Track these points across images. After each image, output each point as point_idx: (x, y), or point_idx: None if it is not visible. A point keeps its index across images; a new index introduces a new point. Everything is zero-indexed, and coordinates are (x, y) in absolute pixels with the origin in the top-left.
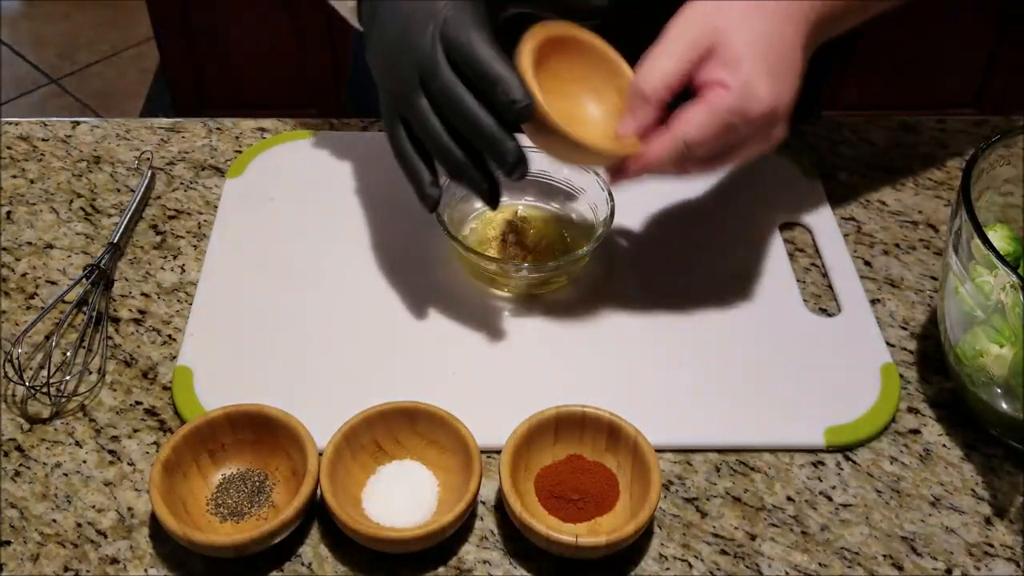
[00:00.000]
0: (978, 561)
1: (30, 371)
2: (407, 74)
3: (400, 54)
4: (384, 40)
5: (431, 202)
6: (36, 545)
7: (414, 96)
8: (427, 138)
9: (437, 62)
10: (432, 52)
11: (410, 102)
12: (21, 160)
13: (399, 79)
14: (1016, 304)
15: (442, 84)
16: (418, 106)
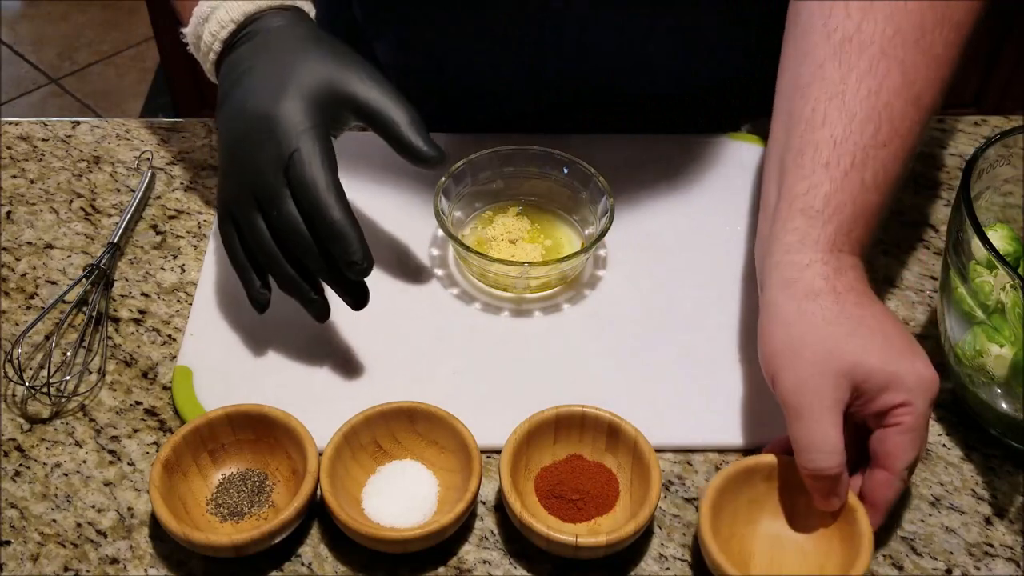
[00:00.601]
0: (978, 561)
1: (30, 371)
2: (245, 190)
3: (242, 165)
4: (229, 135)
5: (260, 306)
6: (36, 545)
7: (250, 212)
8: (259, 253)
9: (280, 196)
10: (275, 182)
11: (246, 215)
12: (21, 160)
13: (237, 188)
14: (1016, 304)
15: (282, 217)
16: (253, 222)
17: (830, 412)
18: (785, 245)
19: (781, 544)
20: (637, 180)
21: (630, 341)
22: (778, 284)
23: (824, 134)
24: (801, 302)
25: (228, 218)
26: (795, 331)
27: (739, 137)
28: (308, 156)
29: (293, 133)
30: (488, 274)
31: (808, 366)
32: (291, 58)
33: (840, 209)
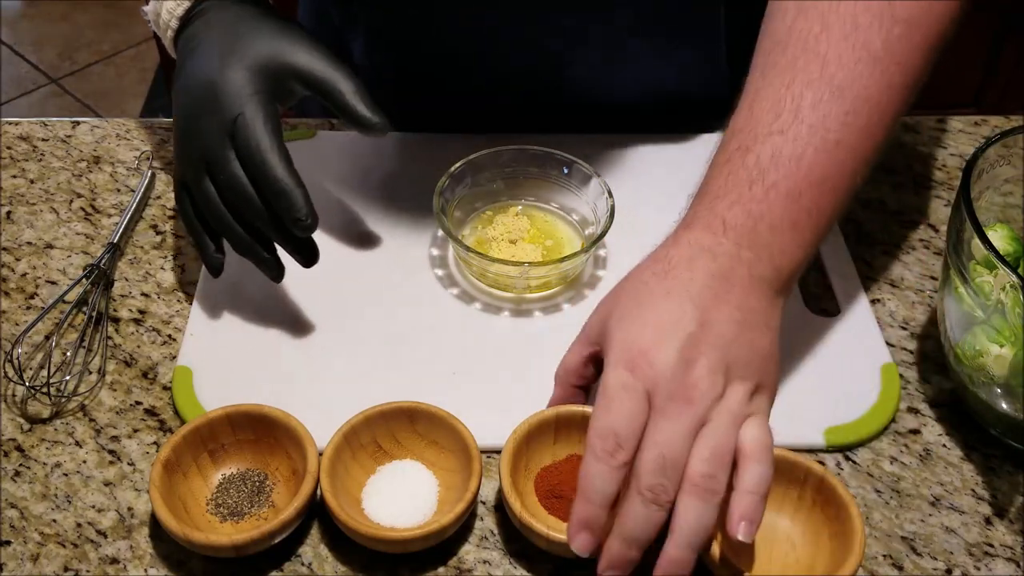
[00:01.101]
0: (978, 561)
1: (30, 371)
2: (194, 156)
3: (190, 133)
4: (180, 105)
5: (215, 270)
6: (36, 545)
7: (200, 177)
8: (210, 217)
9: (225, 158)
10: (220, 146)
11: (196, 181)
12: (21, 160)
13: (187, 155)
14: (1016, 304)
15: (228, 179)
16: (203, 187)
17: (584, 341)
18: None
19: (771, 535)
20: (637, 180)
21: None
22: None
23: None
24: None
25: (182, 186)
26: (622, 281)
27: None
28: (251, 119)
29: (237, 98)
30: (488, 274)
31: (601, 305)
32: (238, 30)
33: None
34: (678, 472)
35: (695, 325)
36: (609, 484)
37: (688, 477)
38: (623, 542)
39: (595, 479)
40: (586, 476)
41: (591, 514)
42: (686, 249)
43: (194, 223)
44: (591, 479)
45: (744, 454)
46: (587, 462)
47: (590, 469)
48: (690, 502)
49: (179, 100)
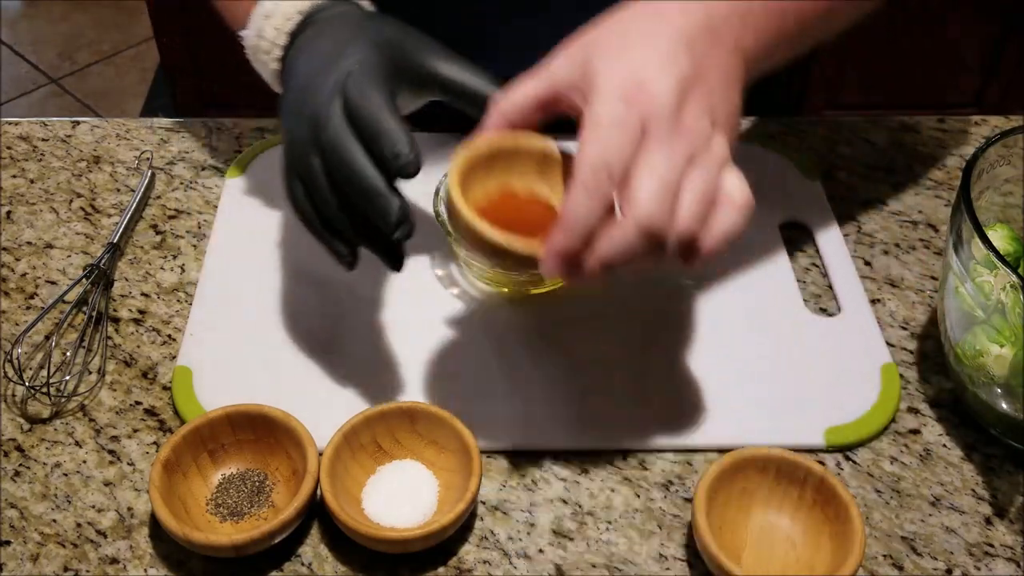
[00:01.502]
0: (978, 561)
1: (30, 371)
2: (304, 130)
3: (301, 106)
4: (289, 94)
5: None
6: (36, 545)
7: (309, 153)
8: (318, 199)
9: (330, 114)
10: (328, 103)
11: (305, 161)
12: (21, 160)
13: (297, 134)
14: (1016, 304)
15: (331, 135)
16: (311, 165)
17: (547, 75)
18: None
19: (772, 535)
20: None
21: (630, 341)
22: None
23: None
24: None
25: (292, 174)
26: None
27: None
28: (360, 74)
29: (351, 61)
30: (488, 273)
31: (574, 42)
32: (358, 26)
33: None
34: (672, 205)
35: (690, 68)
36: (595, 217)
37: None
38: (598, 262)
39: (582, 211)
40: (573, 209)
41: (571, 246)
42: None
43: (307, 210)
44: (578, 211)
45: (729, 199)
46: (576, 195)
47: (579, 201)
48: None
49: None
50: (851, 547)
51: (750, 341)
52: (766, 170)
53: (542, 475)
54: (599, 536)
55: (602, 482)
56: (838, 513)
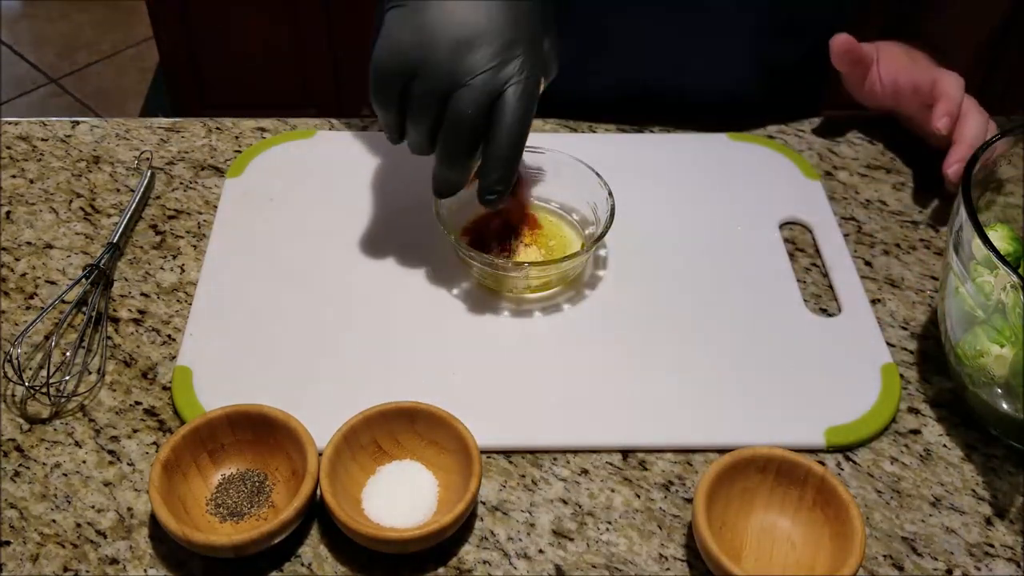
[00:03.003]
0: (978, 561)
1: (30, 371)
2: (436, 70)
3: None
4: (429, 25)
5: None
6: (36, 545)
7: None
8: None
9: (476, 100)
10: (481, 88)
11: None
12: (21, 160)
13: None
14: (1016, 304)
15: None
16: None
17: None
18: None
19: (772, 535)
20: (637, 180)
21: (630, 341)
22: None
23: None
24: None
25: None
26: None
27: (739, 137)
28: (530, 88)
29: (523, 63)
30: (488, 274)
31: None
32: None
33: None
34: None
35: None
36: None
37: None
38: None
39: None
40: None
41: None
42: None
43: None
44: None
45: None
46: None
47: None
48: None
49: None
50: (851, 547)
51: (750, 341)
52: (766, 170)
53: (542, 475)
54: (599, 536)
55: (602, 482)
56: (838, 513)
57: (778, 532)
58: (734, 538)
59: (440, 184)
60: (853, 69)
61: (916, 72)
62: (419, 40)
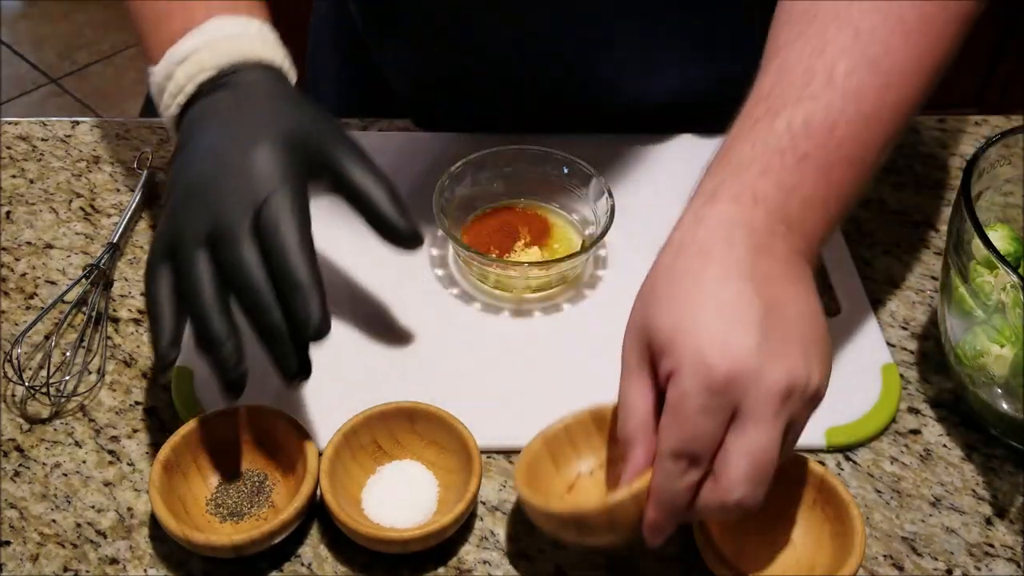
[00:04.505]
0: (978, 561)
1: (30, 371)
2: (197, 227)
3: (198, 203)
4: (191, 173)
5: (163, 363)
6: (36, 545)
7: (194, 251)
8: (191, 299)
9: (242, 237)
10: (239, 222)
11: (189, 255)
12: (21, 160)
13: (186, 226)
14: (1016, 304)
15: (240, 259)
16: (195, 261)
17: (633, 370)
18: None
19: (772, 537)
20: (637, 180)
21: None
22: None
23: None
24: (665, 253)
25: (164, 256)
26: (644, 283)
27: None
28: (284, 202)
29: (271, 177)
30: (488, 274)
31: (630, 320)
32: (276, 105)
33: (744, 162)
34: (768, 479)
35: (762, 309)
36: (684, 497)
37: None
38: (694, 520)
39: (666, 493)
40: (657, 489)
41: (666, 522)
42: (717, 225)
43: (161, 297)
44: (662, 493)
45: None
46: (658, 477)
47: (662, 485)
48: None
49: (189, 169)
50: (851, 547)
51: None
52: None
53: None
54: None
55: None
56: (838, 513)
57: (778, 532)
58: (734, 538)
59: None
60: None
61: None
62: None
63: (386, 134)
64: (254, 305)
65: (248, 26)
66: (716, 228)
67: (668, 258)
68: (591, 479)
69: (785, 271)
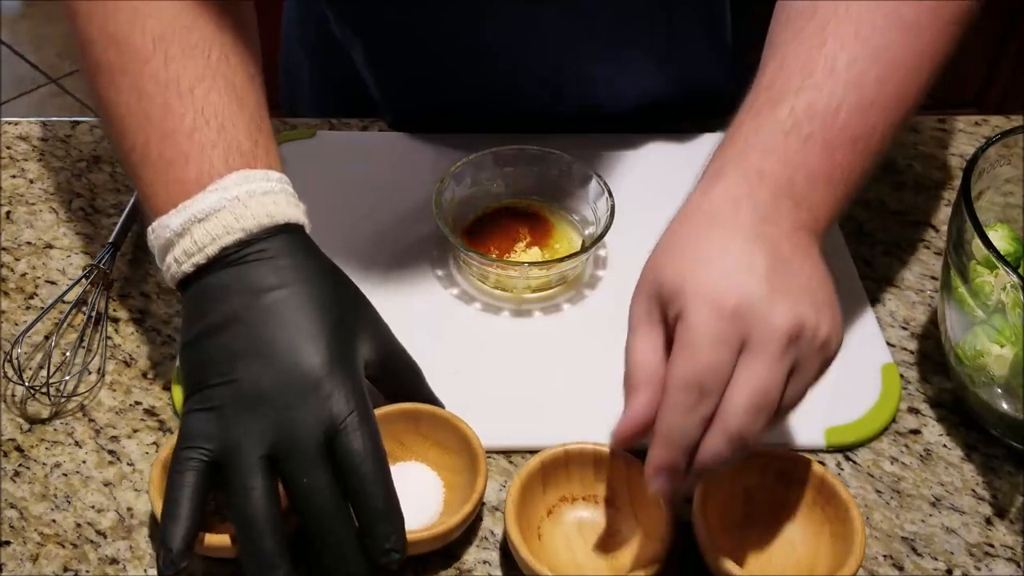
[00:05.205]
0: (978, 561)
1: (30, 371)
2: (257, 434)
3: (261, 407)
4: (242, 370)
5: (170, 571)
6: (36, 545)
7: (255, 466)
8: (247, 519)
9: (316, 459)
10: (313, 441)
11: (247, 469)
12: (21, 160)
13: (245, 432)
14: (1016, 304)
15: (317, 486)
16: (254, 478)
17: (642, 322)
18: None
19: (772, 535)
20: (637, 180)
21: None
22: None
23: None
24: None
25: (191, 453)
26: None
27: None
28: (362, 423)
29: (343, 397)
30: (488, 274)
31: (641, 276)
32: (315, 293)
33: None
34: (769, 416)
35: (770, 261)
36: (692, 432)
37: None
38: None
39: (674, 429)
40: (665, 425)
41: (671, 460)
42: (723, 198)
43: (186, 502)
44: (670, 429)
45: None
46: (667, 413)
47: (670, 420)
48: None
49: (239, 362)
50: (851, 547)
51: None
52: None
53: None
54: None
55: None
56: (838, 513)
57: (778, 532)
58: (734, 538)
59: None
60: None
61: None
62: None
63: (386, 134)
64: (328, 532)
65: (270, 181)
66: (722, 199)
67: (675, 225)
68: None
69: (792, 241)
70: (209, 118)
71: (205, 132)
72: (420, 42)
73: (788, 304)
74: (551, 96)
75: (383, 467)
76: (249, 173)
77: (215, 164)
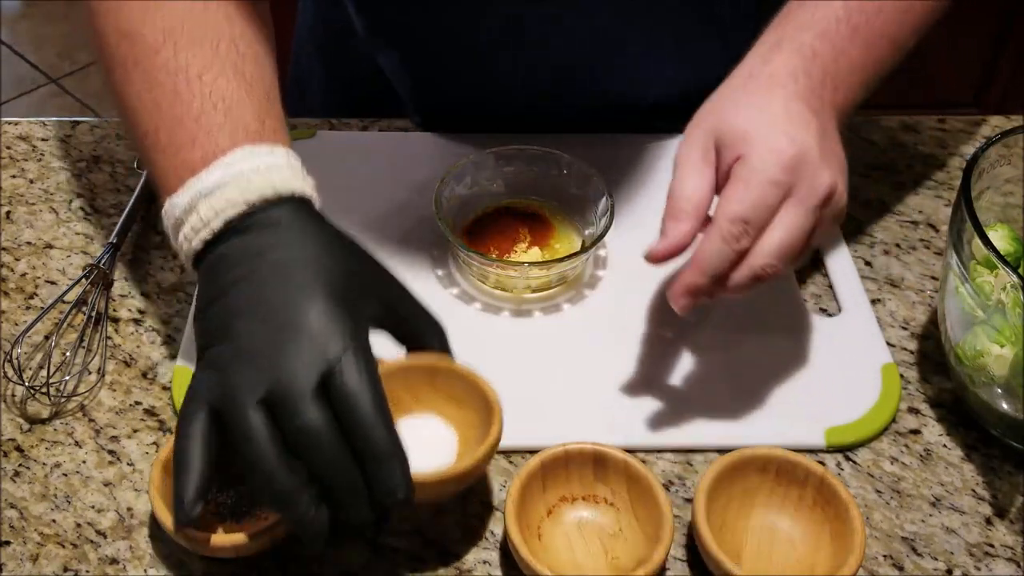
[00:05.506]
0: (978, 561)
1: (30, 371)
2: (252, 383)
3: (255, 359)
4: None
5: (184, 520)
6: (36, 545)
7: (251, 409)
8: (254, 457)
9: (314, 402)
10: (308, 387)
11: (243, 411)
12: (21, 160)
13: (240, 382)
14: (1016, 304)
15: (313, 426)
16: (251, 419)
17: (696, 159)
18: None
19: (772, 536)
20: (637, 180)
21: (630, 341)
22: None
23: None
24: (733, 79)
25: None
26: (709, 100)
27: None
28: (357, 364)
29: (336, 339)
30: (488, 274)
31: (693, 121)
32: (316, 253)
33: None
34: (791, 262)
35: (819, 132)
36: (726, 263)
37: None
38: (720, 295)
39: (714, 257)
40: (706, 252)
41: (700, 285)
42: (783, 67)
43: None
44: (711, 256)
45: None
46: (711, 240)
47: (713, 247)
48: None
49: (237, 322)
50: (851, 547)
51: (750, 341)
52: None
53: None
54: None
55: None
56: (838, 513)
57: (778, 532)
58: (734, 538)
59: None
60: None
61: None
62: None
63: (386, 134)
64: (329, 464)
65: (275, 156)
66: (782, 68)
67: (738, 81)
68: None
69: (830, 115)
70: (216, 102)
71: (212, 116)
72: (420, 42)
73: (831, 169)
74: (552, 96)
75: (382, 407)
76: (254, 148)
77: (220, 143)
